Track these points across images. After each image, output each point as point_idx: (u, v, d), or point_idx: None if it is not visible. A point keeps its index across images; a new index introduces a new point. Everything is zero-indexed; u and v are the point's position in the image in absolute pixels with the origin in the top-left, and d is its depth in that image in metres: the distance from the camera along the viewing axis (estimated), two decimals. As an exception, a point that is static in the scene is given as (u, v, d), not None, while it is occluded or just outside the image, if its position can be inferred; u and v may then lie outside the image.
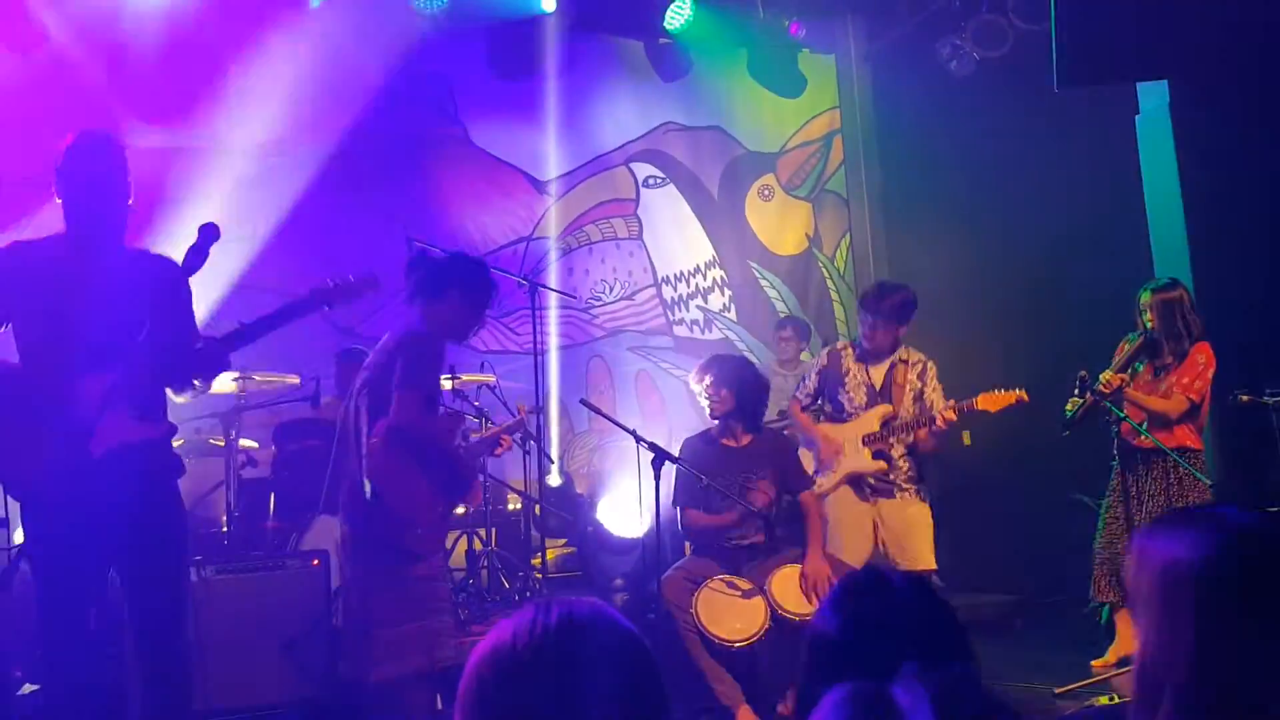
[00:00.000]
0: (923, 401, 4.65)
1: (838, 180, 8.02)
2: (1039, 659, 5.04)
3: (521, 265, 6.99)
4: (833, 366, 4.84)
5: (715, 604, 4.08)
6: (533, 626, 1.13)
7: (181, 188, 6.09)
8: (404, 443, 3.34)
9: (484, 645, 1.15)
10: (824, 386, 4.85)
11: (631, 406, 7.20)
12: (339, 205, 6.48)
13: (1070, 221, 6.13)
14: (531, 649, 1.11)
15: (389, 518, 3.32)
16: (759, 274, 7.73)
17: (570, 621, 1.14)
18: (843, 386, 4.76)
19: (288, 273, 6.35)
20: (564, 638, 1.12)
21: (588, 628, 1.14)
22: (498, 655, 1.12)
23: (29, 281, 2.95)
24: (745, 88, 7.79)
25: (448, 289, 3.51)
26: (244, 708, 4.00)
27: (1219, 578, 1.23)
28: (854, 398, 4.73)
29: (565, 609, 1.15)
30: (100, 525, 2.83)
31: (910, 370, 4.72)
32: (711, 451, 4.45)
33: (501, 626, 1.16)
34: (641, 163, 7.52)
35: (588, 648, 1.12)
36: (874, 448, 4.63)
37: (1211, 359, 4.63)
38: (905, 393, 4.69)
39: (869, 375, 4.75)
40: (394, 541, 3.34)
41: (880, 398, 4.70)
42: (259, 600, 4.16)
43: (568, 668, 1.11)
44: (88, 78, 6.05)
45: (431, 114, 6.97)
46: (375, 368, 3.44)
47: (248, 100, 6.36)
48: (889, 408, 4.65)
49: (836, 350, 4.95)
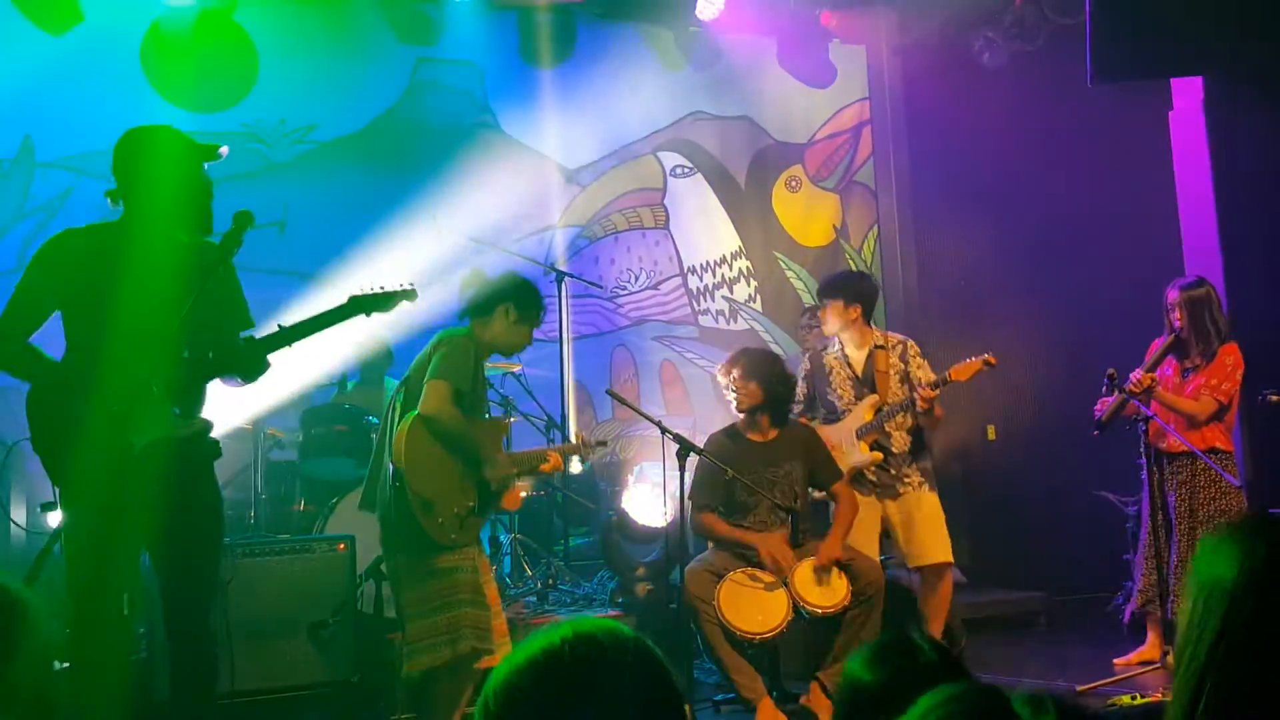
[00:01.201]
0: (910, 381, 4.64)
1: (866, 172, 7.98)
2: (1062, 656, 5.04)
3: (548, 253, 7.01)
4: (816, 369, 4.85)
5: (738, 596, 4.09)
6: (547, 654, 1.11)
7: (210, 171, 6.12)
8: (430, 431, 3.38)
9: (501, 669, 1.13)
10: (813, 390, 4.85)
11: (655, 396, 7.21)
12: (369, 191, 6.51)
13: (1101, 218, 6.09)
14: (546, 678, 1.10)
15: (408, 503, 3.36)
16: (785, 265, 7.71)
17: (588, 649, 1.12)
18: (829, 385, 4.77)
19: (319, 259, 6.40)
20: (581, 666, 1.11)
21: (606, 655, 1.12)
22: (512, 682, 1.11)
23: (78, 271, 2.99)
24: (775, 78, 7.75)
25: (496, 305, 3.56)
26: (270, 689, 4.05)
27: (1252, 592, 1.23)
28: (842, 394, 4.74)
29: (582, 635, 1.13)
30: (136, 513, 2.87)
31: (890, 354, 4.72)
32: (737, 446, 4.45)
33: (518, 651, 1.14)
34: (669, 152, 7.50)
35: (606, 677, 1.11)
36: (869, 439, 4.62)
37: (1240, 360, 4.59)
38: (890, 377, 4.68)
39: (851, 369, 4.75)
40: (415, 530, 3.38)
41: (865, 387, 4.70)
42: (286, 583, 4.22)
43: (584, 697, 1.10)
44: (121, 60, 6.11)
45: (461, 101, 6.98)
46: (417, 368, 3.50)
47: (277, 86, 6.41)
48: (877, 397, 4.64)
49: (817, 351, 4.98)
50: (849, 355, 4.77)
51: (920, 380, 4.60)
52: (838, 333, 4.79)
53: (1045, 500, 6.36)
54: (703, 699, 4.33)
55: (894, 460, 4.63)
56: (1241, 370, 4.58)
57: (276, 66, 6.39)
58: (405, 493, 3.36)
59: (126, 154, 3.12)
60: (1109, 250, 6.00)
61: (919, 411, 4.54)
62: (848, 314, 4.73)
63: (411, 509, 3.36)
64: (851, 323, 4.73)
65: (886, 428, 4.62)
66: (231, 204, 3.20)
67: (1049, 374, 4.63)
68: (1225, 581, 1.25)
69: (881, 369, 4.69)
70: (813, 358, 4.92)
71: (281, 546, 4.35)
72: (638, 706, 1.12)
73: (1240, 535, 1.29)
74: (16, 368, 3.01)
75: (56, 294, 3.01)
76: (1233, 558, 1.26)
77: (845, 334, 4.77)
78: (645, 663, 1.15)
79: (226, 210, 3.19)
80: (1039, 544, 6.21)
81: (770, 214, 7.70)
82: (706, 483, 4.40)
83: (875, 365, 4.70)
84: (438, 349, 3.47)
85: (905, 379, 4.67)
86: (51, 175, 6.03)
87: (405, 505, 3.37)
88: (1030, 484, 6.41)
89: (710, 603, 4.06)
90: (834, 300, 4.76)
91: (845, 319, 4.73)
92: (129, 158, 3.12)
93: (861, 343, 4.76)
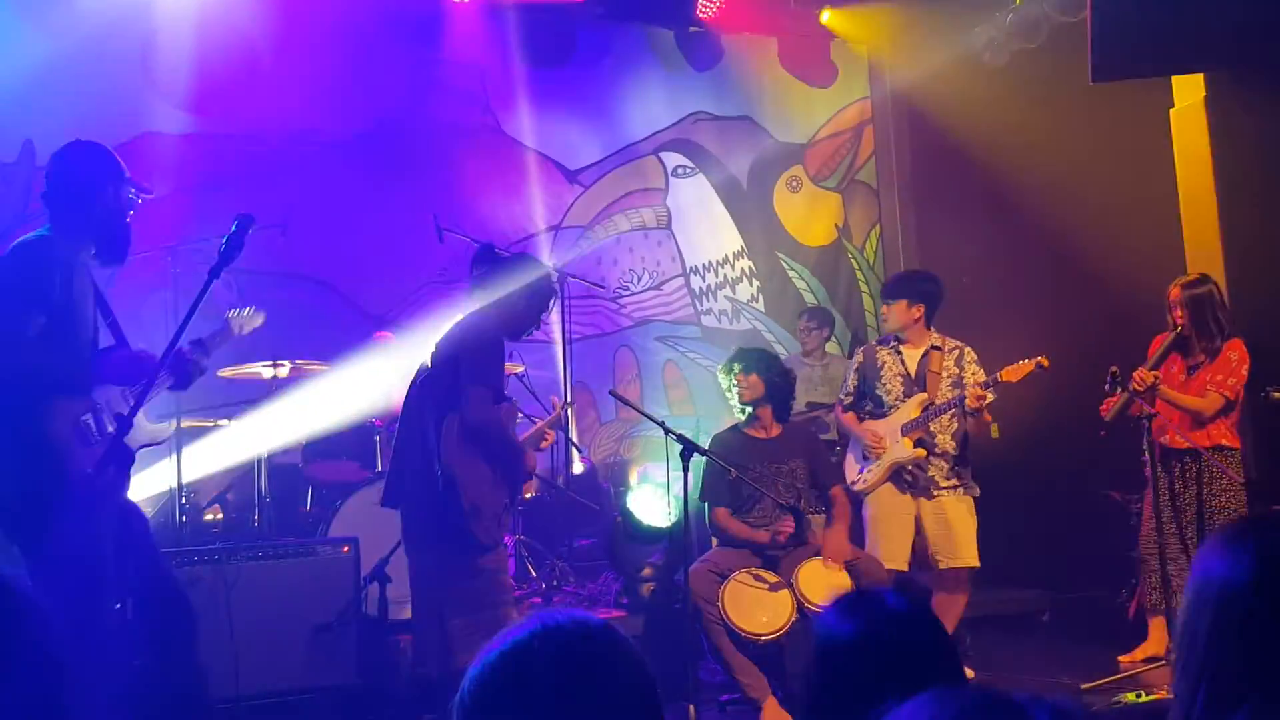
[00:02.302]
0: (962, 387, 4.65)
1: (868, 171, 7.98)
2: (1066, 653, 5.03)
3: (550, 254, 7.01)
4: (868, 362, 4.86)
5: (741, 597, 4.10)
6: (515, 646, 1.13)
7: (211, 175, 6.14)
8: (475, 437, 3.40)
9: (480, 659, 1.14)
10: (863, 383, 4.86)
11: (659, 397, 7.22)
12: (370, 193, 6.52)
13: (1102, 215, 6.07)
14: (516, 670, 1.11)
15: (459, 507, 3.38)
16: (787, 265, 7.71)
17: (555, 639, 1.13)
18: (879, 380, 4.78)
19: (319, 261, 6.41)
20: (550, 657, 1.12)
21: (574, 645, 1.14)
22: (484, 676, 1.12)
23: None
24: (776, 78, 7.76)
25: (513, 288, 3.58)
26: (275, 692, 4.05)
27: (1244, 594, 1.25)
28: (891, 389, 4.75)
29: (549, 626, 1.14)
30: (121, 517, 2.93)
31: (946, 357, 4.73)
32: (740, 444, 4.47)
33: (497, 640, 1.15)
34: (671, 152, 7.51)
35: (575, 667, 1.12)
36: (913, 436, 4.63)
37: (1245, 355, 4.59)
38: (941, 379, 4.68)
39: (904, 365, 4.76)
40: (464, 531, 3.40)
41: (916, 386, 4.70)
42: (290, 586, 4.21)
43: (555, 688, 1.11)
44: (121, 63, 6.11)
45: (462, 103, 6.99)
46: (441, 362, 3.50)
47: (279, 88, 6.41)
48: (925, 395, 4.65)
49: (871, 346, 4.99)
50: (903, 353, 4.78)
51: (973, 384, 4.61)
52: (897, 330, 4.79)
53: (1049, 498, 6.35)
54: (708, 699, 4.33)
55: (935, 461, 4.64)
56: (1248, 365, 4.58)
57: (278, 67, 6.39)
58: (458, 495, 3.38)
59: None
60: (1111, 248, 5.98)
61: (968, 412, 4.54)
62: (910, 313, 4.74)
63: (463, 512, 3.37)
64: (913, 323, 4.74)
65: (931, 427, 4.64)
66: (233, 206, 3.21)
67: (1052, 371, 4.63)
68: (1218, 581, 1.27)
69: (935, 370, 4.70)
70: (866, 351, 4.93)
71: (285, 549, 4.35)
72: (610, 694, 1.13)
73: (1233, 536, 1.31)
74: None
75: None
76: (1225, 558, 1.28)
77: (904, 333, 4.77)
78: (613, 650, 1.16)
79: (229, 215, 3.20)
80: (1042, 541, 6.19)
81: (772, 214, 7.71)
82: (715, 480, 4.40)
83: (929, 365, 4.71)
84: (467, 348, 3.46)
85: (958, 384, 4.67)
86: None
87: (457, 507, 3.38)
88: (1034, 481, 6.40)
89: (714, 603, 4.06)
90: (898, 299, 4.77)
91: (908, 318, 4.74)
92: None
93: (919, 343, 4.76)
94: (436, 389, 3.48)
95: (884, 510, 4.67)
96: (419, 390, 3.56)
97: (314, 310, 6.40)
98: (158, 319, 5.08)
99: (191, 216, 5.61)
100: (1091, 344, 5.59)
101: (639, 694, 1.16)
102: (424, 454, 3.46)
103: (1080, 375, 4.96)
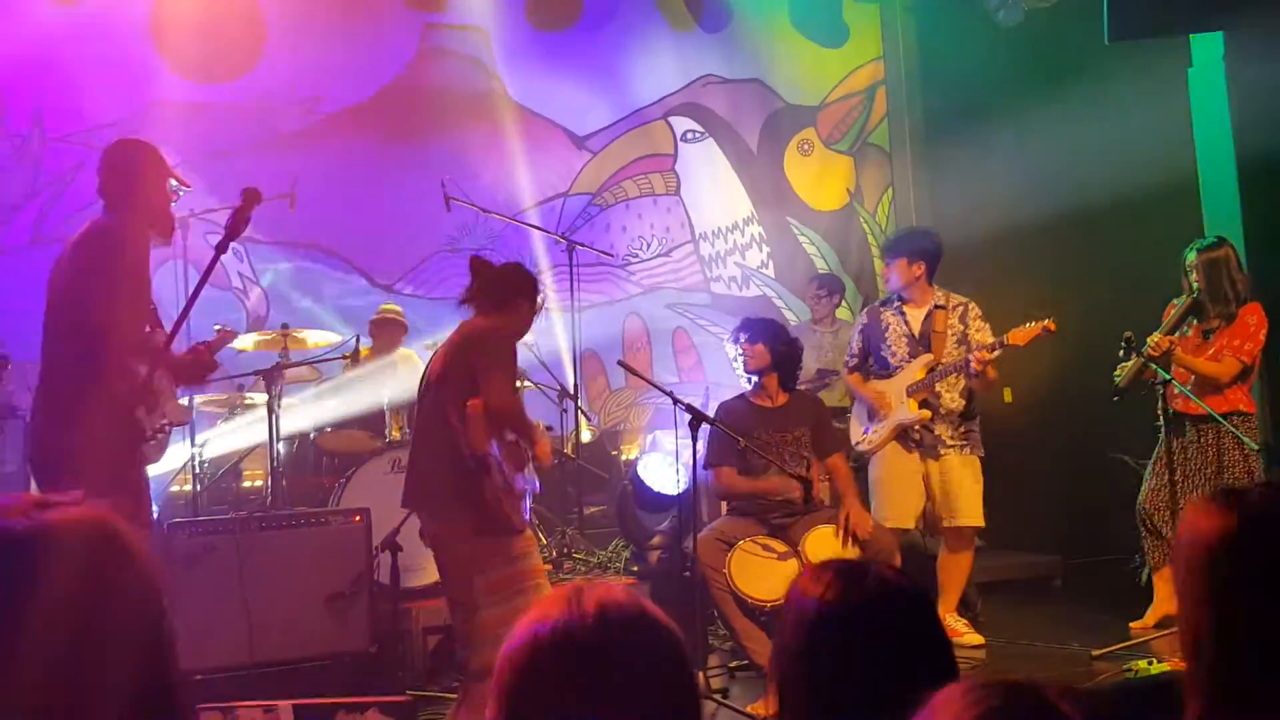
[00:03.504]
0: (968, 344, 4.63)
1: (880, 133, 7.89)
2: (1077, 620, 5.02)
3: (559, 221, 6.98)
4: (872, 323, 4.85)
5: (748, 565, 4.11)
6: (567, 618, 1.13)
7: (218, 144, 6.12)
8: (500, 421, 3.43)
9: (519, 633, 1.15)
10: (868, 344, 4.85)
11: (668, 364, 7.21)
12: (376, 159, 6.48)
13: (1118, 177, 5.98)
14: (566, 641, 1.12)
15: (492, 492, 3.38)
16: (798, 230, 7.65)
17: (605, 615, 1.13)
18: (884, 341, 4.78)
19: (326, 230, 6.40)
20: (599, 631, 1.12)
21: (623, 622, 1.14)
22: (532, 644, 1.13)
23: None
24: (787, 39, 7.66)
25: (513, 298, 3.59)
26: (288, 660, 4.09)
27: (1233, 559, 1.30)
28: (896, 350, 4.73)
29: (600, 601, 1.15)
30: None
31: (950, 314, 4.70)
32: (747, 412, 4.46)
33: (536, 614, 1.16)
34: (680, 116, 7.43)
35: (622, 643, 1.12)
36: (918, 397, 4.62)
37: (1263, 319, 4.54)
38: (946, 338, 4.67)
39: (908, 325, 4.74)
40: (497, 516, 3.39)
41: (921, 346, 4.68)
42: (303, 556, 4.24)
43: (601, 663, 1.11)
44: (128, 33, 6.08)
45: (469, 68, 6.92)
46: (449, 364, 3.49)
47: (286, 56, 6.37)
48: (931, 356, 4.64)
49: (875, 307, 4.97)
50: (907, 313, 4.76)
51: (978, 343, 4.59)
52: (900, 290, 4.79)
53: (1062, 462, 6.33)
54: (717, 666, 4.36)
55: (941, 421, 4.63)
56: (1265, 330, 4.53)
57: (284, 36, 6.35)
58: (489, 480, 3.39)
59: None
60: (1126, 211, 5.91)
61: (972, 374, 4.52)
62: (911, 271, 4.73)
63: (499, 495, 3.39)
64: (915, 280, 4.72)
65: (937, 388, 4.63)
66: (240, 176, 3.20)
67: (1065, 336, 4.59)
68: (1206, 547, 1.31)
69: (939, 329, 4.68)
70: (870, 313, 4.92)
71: (299, 519, 4.38)
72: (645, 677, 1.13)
73: (1216, 504, 1.34)
74: None
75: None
76: (1210, 525, 1.32)
77: (906, 292, 4.75)
78: (652, 632, 1.16)
79: (236, 184, 3.20)
80: (1054, 506, 6.19)
81: (783, 178, 7.64)
82: (720, 445, 4.39)
83: (933, 325, 4.69)
84: (478, 343, 3.47)
85: (963, 341, 4.66)
86: (62, 150, 6.03)
87: (490, 492, 3.39)
88: (1046, 446, 6.38)
89: (721, 571, 4.08)
90: (898, 258, 4.76)
91: (909, 276, 4.74)
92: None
93: (921, 301, 4.75)
94: (455, 387, 3.46)
95: (891, 470, 4.68)
96: (434, 393, 3.53)
97: (322, 279, 6.41)
98: (169, 290, 5.10)
99: (199, 186, 5.59)
100: (1106, 308, 5.54)
101: (675, 678, 1.16)
102: (450, 447, 3.43)
103: (1094, 340, 4.92)
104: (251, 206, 3.17)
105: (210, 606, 4.02)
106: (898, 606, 1.39)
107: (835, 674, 1.35)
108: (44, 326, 3.28)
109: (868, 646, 1.35)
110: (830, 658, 1.36)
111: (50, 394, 3.21)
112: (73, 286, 3.22)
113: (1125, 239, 5.98)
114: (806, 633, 1.39)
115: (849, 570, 1.45)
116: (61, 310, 3.23)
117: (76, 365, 3.14)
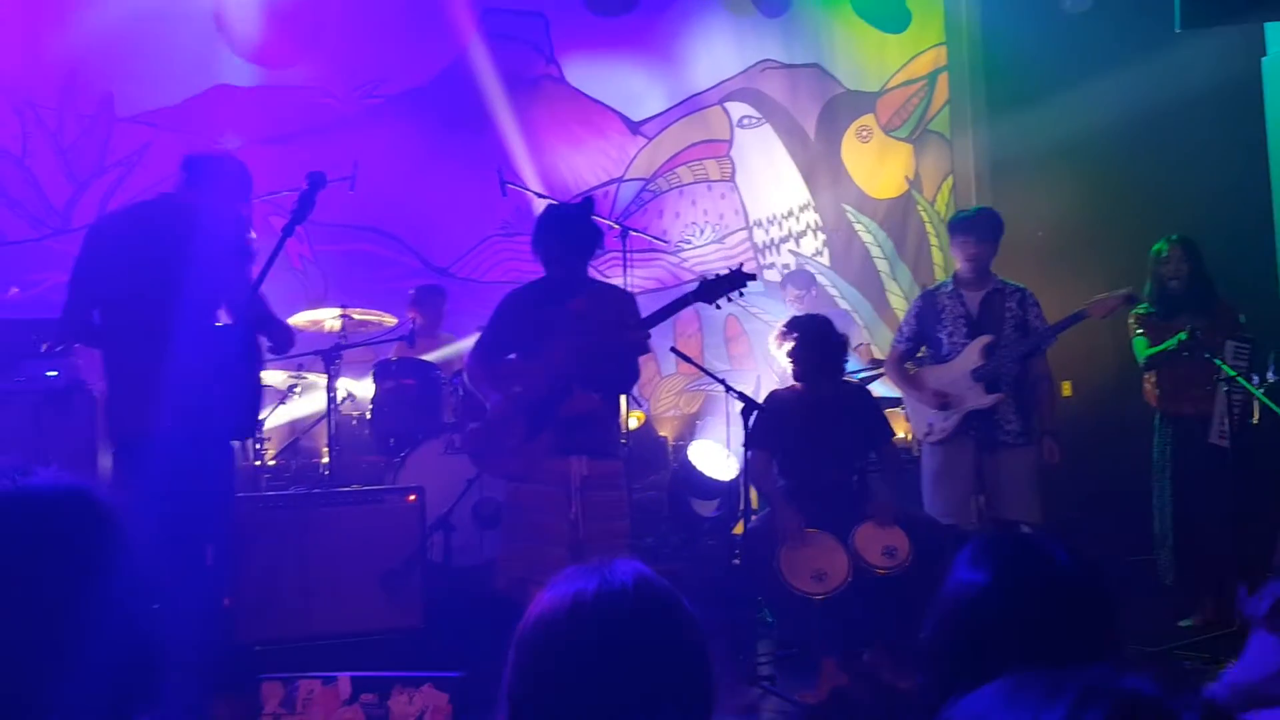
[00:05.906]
0: (1026, 331, 4.54)
1: (941, 120, 7.77)
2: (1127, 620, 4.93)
3: (613, 207, 6.98)
4: (928, 306, 4.76)
5: (798, 555, 4.10)
6: (580, 595, 1.15)
7: (281, 127, 6.22)
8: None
9: (536, 608, 1.17)
10: (922, 328, 4.77)
11: (720, 351, 7.19)
12: (433, 143, 6.54)
13: (1187, 170, 5.84)
14: (581, 616, 1.14)
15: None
16: (854, 218, 7.58)
17: (621, 591, 1.15)
18: (940, 323, 4.68)
19: (385, 213, 6.47)
20: (613, 607, 1.14)
21: (656, 594, 1.16)
22: (547, 619, 1.15)
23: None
24: (847, 23, 7.57)
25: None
26: (341, 633, 4.19)
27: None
28: (953, 332, 4.64)
29: (610, 578, 1.16)
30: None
31: (1009, 299, 4.61)
32: (795, 403, 4.43)
33: (552, 590, 1.18)
34: (737, 102, 7.39)
35: (637, 618, 1.14)
36: (985, 381, 4.53)
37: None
38: (1005, 322, 4.58)
39: (965, 307, 4.65)
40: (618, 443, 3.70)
41: (979, 329, 4.60)
42: (357, 533, 4.33)
43: (617, 636, 1.13)
44: (194, 18, 6.19)
45: (526, 53, 6.95)
46: (609, 314, 3.78)
47: (347, 41, 6.44)
48: (989, 338, 4.55)
49: (931, 290, 4.88)
50: (964, 295, 4.67)
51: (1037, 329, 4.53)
52: (962, 270, 4.70)
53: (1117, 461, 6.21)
54: (764, 654, 4.36)
55: (1000, 410, 4.54)
56: None
57: (344, 20, 6.42)
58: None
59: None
60: (1195, 203, 5.77)
61: (1032, 354, 4.49)
62: (979, 250, 4.63)
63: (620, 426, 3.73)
64: (976, 260, 4.63)
65: (998, 370, 4.54)
66: (302, 160, 3.26)
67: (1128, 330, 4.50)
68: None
69: (998, 313, 4.60)
70: (925, 296, 4.84)
71: (355, 497, 4.47)
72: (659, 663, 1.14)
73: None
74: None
75: None
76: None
77: (966, 272, 4.67)
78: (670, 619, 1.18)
79: (299, 167, 3.25)
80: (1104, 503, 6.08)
81: (840, 165, 7.57)
82: (763, 431, 4.35)
83: (991, 308, 4.61)
84: (628, 300, 3.98)
85: (1021, 327, 4.57)
86: (130, 130, 6.17)
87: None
88: (1104, 442, 6.26)
89: (771, 560, 4.07)
90: (963, 236, 4.66)
91: (975, 255, 4.63)
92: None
93: (980, 284, 4.66)
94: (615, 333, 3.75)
95: (945, 463, 4.60)
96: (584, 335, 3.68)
97: (380, 262, 6.49)
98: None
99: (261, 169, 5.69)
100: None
101: (691, 667, 1.16)
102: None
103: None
104: (317, 190, 3.22)
105: (270, 580, 4.13)
106: (1070, 585, 1.38)
107: (1002, 652, 1.30)
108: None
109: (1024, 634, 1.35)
110: (999, 636, 1.35)
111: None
112: None
113: (1194, 231, 5.83)
114: (970, 611, 1.38)
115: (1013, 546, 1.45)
116: None
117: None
